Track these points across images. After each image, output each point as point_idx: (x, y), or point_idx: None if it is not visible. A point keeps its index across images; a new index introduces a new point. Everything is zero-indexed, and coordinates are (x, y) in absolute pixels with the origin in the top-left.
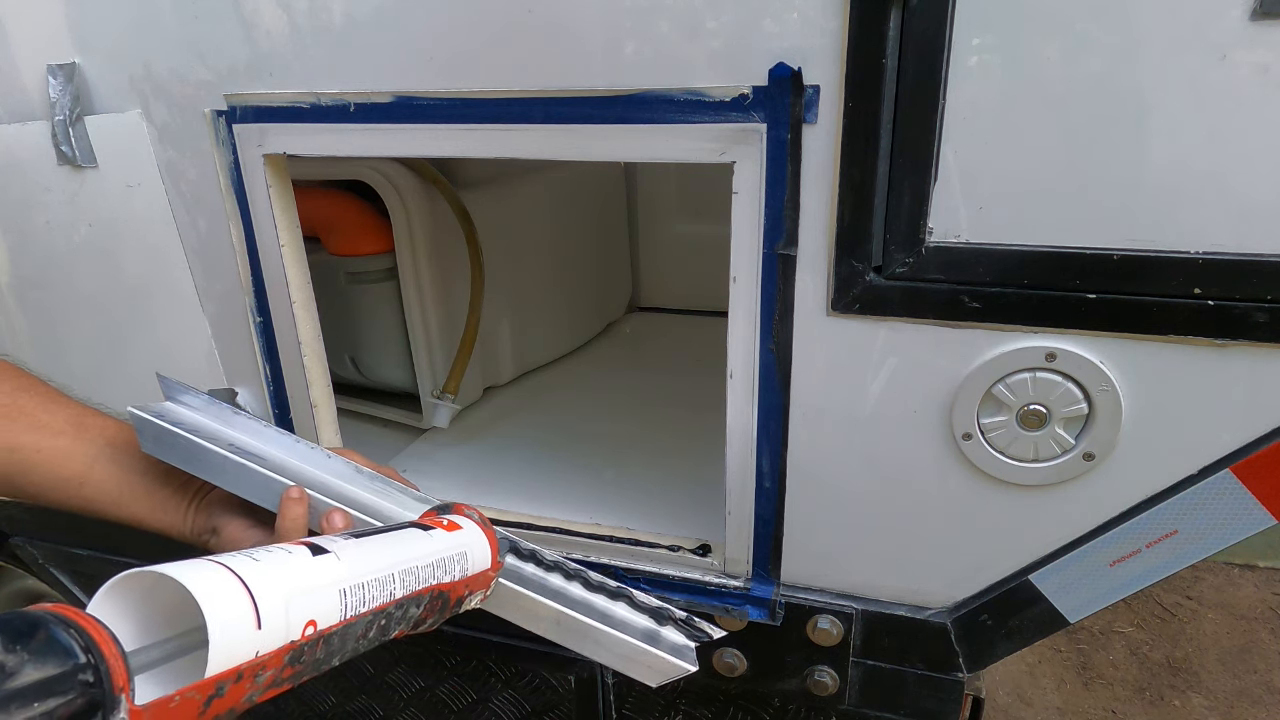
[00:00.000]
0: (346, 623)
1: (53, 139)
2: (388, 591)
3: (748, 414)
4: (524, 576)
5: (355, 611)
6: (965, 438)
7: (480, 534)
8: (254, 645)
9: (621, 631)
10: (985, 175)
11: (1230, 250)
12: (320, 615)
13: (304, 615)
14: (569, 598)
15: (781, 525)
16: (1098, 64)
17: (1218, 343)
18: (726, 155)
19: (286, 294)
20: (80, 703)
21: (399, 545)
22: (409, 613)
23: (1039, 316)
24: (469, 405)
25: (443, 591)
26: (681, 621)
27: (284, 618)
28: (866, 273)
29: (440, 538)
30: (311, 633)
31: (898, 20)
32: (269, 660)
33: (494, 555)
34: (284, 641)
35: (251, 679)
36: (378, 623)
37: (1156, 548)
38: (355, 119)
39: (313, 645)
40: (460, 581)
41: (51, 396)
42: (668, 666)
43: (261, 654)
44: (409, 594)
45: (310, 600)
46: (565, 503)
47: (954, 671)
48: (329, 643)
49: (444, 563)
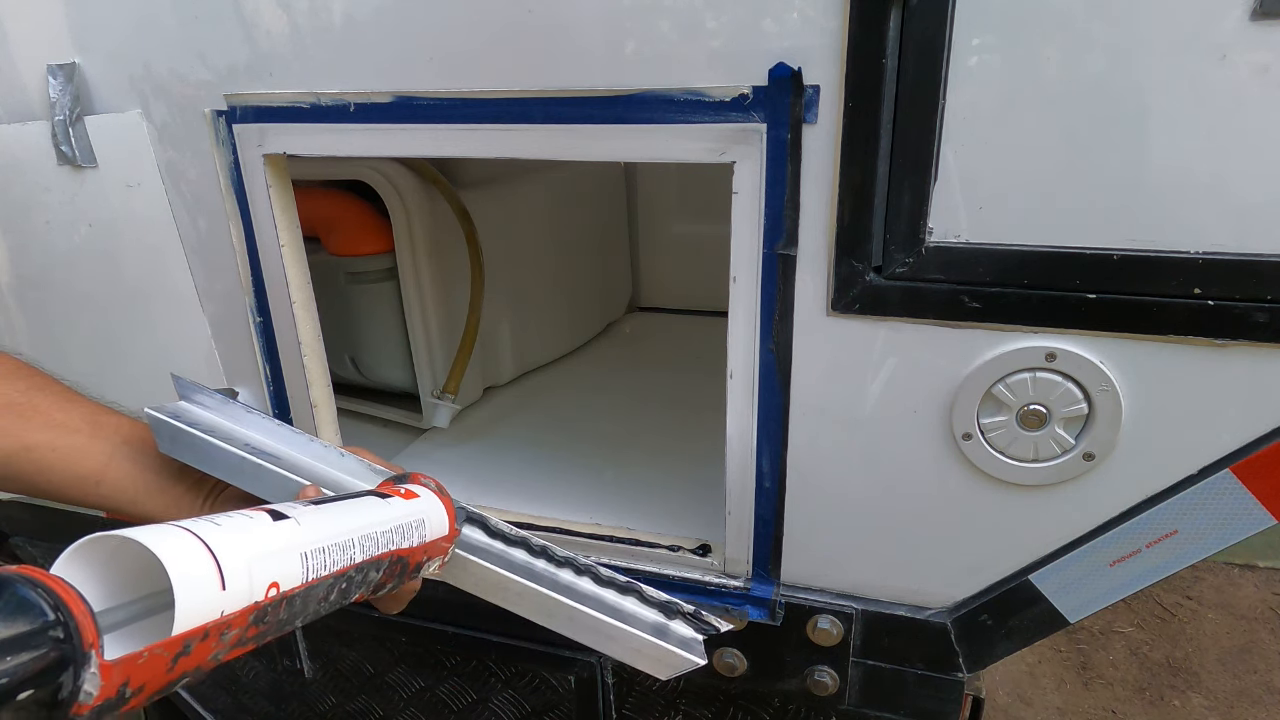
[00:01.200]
0: (308, 585)
1: (53, 139)
2: (348, 556)
3: (748, 414)
4: (536, 573)
5: (317, 574)
6: (965, 438)
7: (438, 502)
8: (219, 605)
9: (631, 625)
10: (985, 175)
11: (1230, 250)
12: (282, 577)
13: (267, 577)
14: (579, 592)
15: (781, 525)
16: (1098, 64)
17: (1218, 343)
18: (726, 155)
19: (286, 294)
20: (53, 656)
21: (358, 512)
22: (369, 576)
23: (1039, 316)
24: (469, 405)
25: (402, 557)
26: (690, 615)
27: (247, 579)
28: (866, 273)
29: (398, 505)
30: (274, 594)
31: (898, 20)
32: (234, 620)
33: (451, 522)
34: (248, 602)
35: (217, 637)
36: (338, 586)
37: (1156, 548)
38: (355, 119)
39: (276, 606)
40: (419, 547)
41: (66, 395)
42: (677, 660)
43: (227, 614)
44: (369, 558)
45: (272, 563)
46: (565, 503)
47: (954, 671)
48: (291, 604)
49: (402, 529)
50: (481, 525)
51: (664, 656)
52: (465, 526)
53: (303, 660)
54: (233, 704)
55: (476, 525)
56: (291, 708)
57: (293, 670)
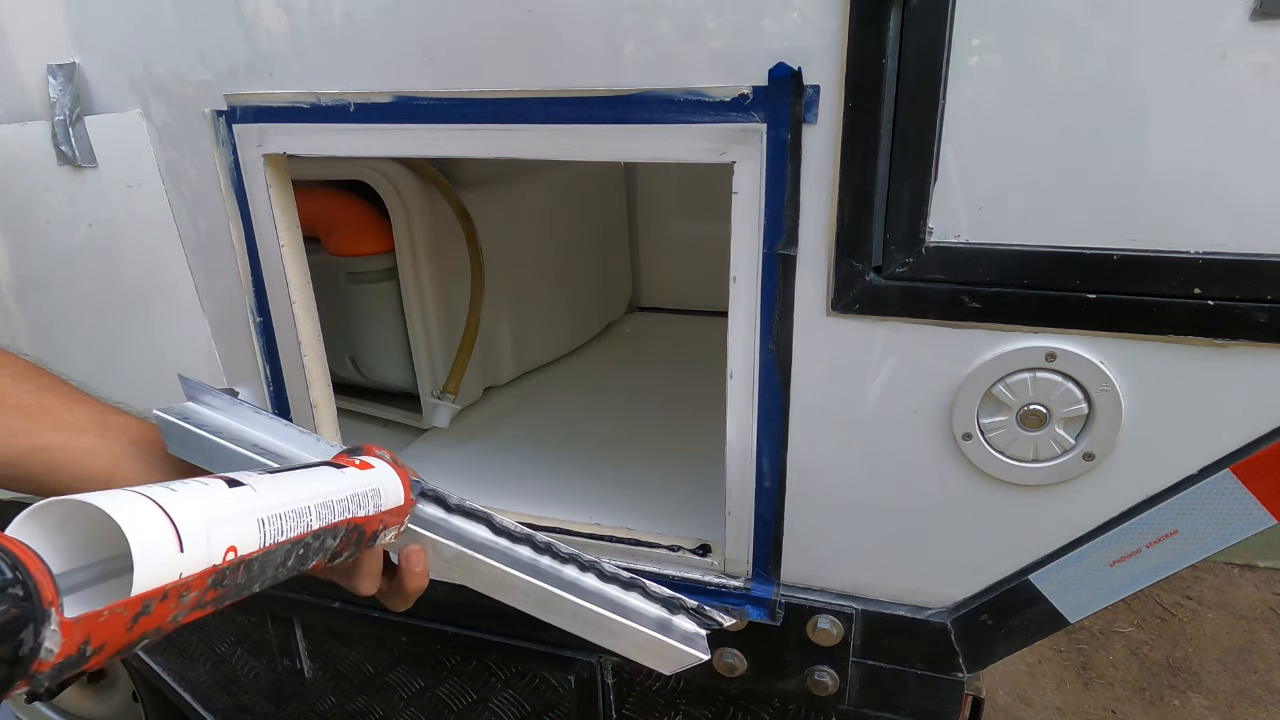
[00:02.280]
0: (266, 550)
1: (53, 139)
2: (305, 523)
3: (748, 414)
4: (540, 569)
5: (274, 540)
6: (965, 438)
7: (392, 472)
8: (177, 567)
9: (635, 621)
10: (985, 175)
11: (1230, 250)
12: (240, 542)
13: (224, 541)
14: (583, 588)
15: (781, 525)
16: (1098, 64)
17: (1218, 343)
18: (726, 155)
19: (286, 294)
20: (13, 613)
21: (314, 481)
22: (326, 544)
23: (1039, 316)
24: (469, 405)
25: (358, 525)
26: (693, 610)
27: (205, 542)
28: (866, 273)
29: (354, 475)
30: (232, 558)
31: (898, 20)
32: (192, 582)
33: (406, 493)
34: (206, 565)
35: (176, 599)
36: (296, 552)
37: (1156, 548)
38: (355, 119)
39: (234, 570)
40: (375, 516)
41: (74, 395)
42: (681, 655)
43: (185, 576)
44: (325, 525)
45: (230, 527)
46: (565, 503)
47: (954, 671)
48: (249, 568)
49: (358, 498)
50: (487, 522)
51: (667, 652)
52: (468, 522)
53: (303, 660)
54: (233, 704)
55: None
56: (291, 708)
57: (293, 670)
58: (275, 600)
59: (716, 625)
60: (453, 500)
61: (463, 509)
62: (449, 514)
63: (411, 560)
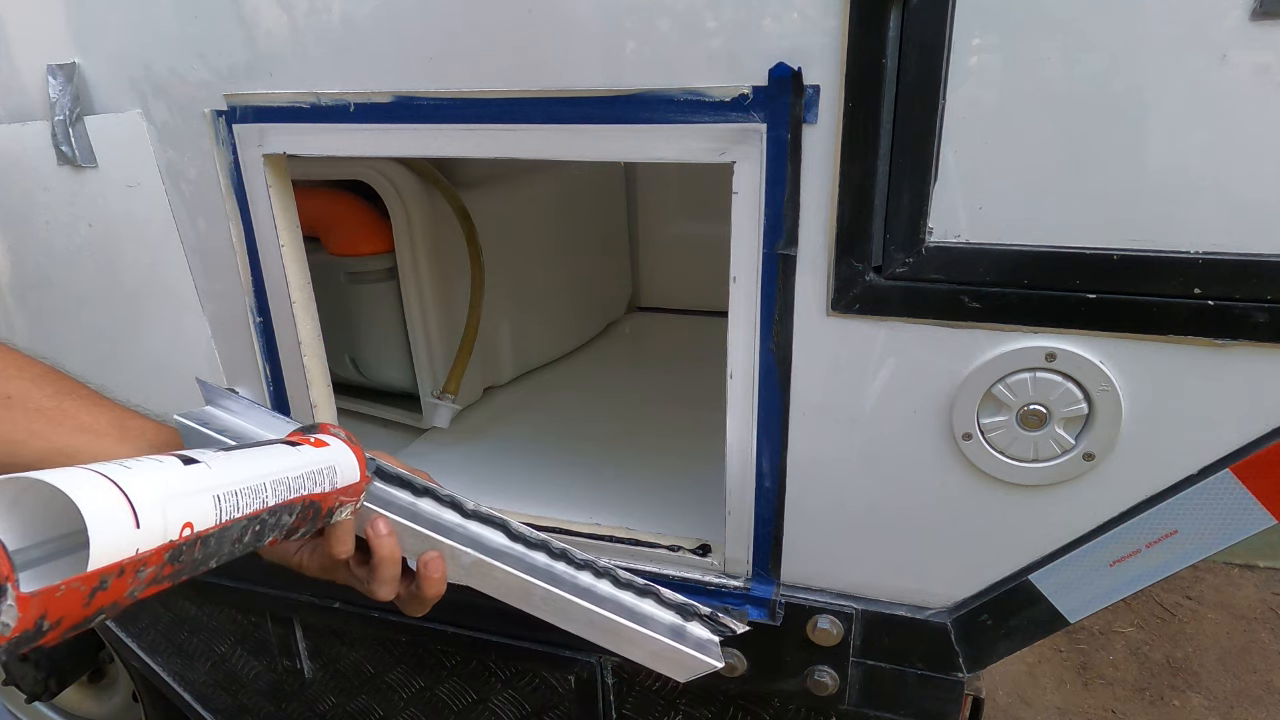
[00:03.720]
0: (222, 526)
1: (52, 139)
2: (260, 499)
3: (748, 414)
4: (556, 576)
5: (230, 516)
6: (965, 438)
7: (347, 450)
8: (134, 543)
9: (649, 628)
10: (985, 175)
11: (1230, 250)
12: (196, 518)
13: (181, 517)
14: (598, 595)
15: (781, 525)
16: (1097, 64)
17: (1218, 343)
18: (726, 155)
19: (286, 294)
20: None
21: (269, 458)
22: (282, 520)
23: (1039, 316)
24: (469, 405)
25: (314, 501)
26: (707, 617)
27: (161, 518)
28: (866, 273)
29: (308, 452)
30: (189, 534)
31: (898, 20)
32: (149, 558)
33: (362, 470)
34: (163, 540)
35: (133, 574)
36: (252, 528)
37: (1156, 547)
38: (355, 119)
39: (191, 545)
40: (331, 493)
41: (94, 399)
42: (695, 663)
43: (142, 551)
44: (281, 502)
45: (186, 503)
46: (565, 502)
47: (954, 671)
48: (206, 544)
49: (314, 475)
50: (503, 528)
51: (682, 659)
52: (484, 527)
53: (303, 660)
54: (233, 704)
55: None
56: (292, 708)
57: (293, 670)
58: (275, 600)
59: (730, 632)
60: (469, 505)
61: (479, 514)
62: (465, 519)
63: (430, 567)
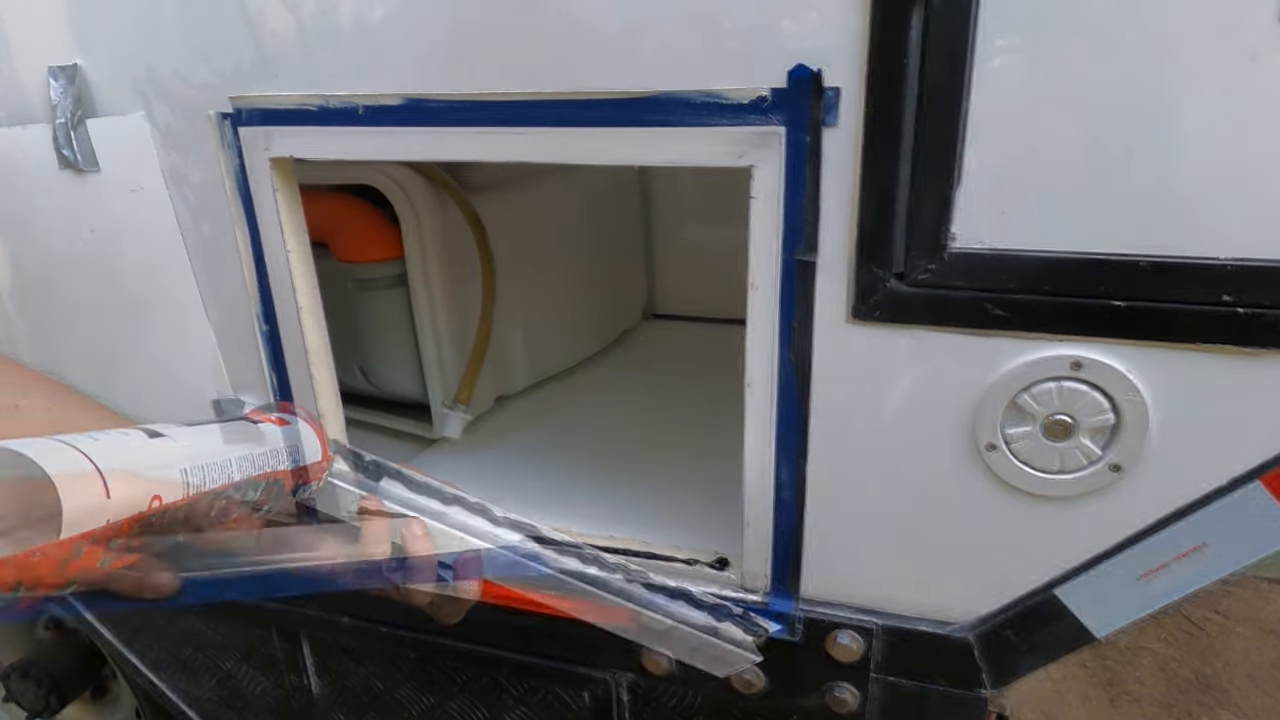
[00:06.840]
0: (189, 499)
1: (54, 142)
2: (226, 474)
3: (766, 424)
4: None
5: (197, 490)
6: (989, 448)
7: (309, 429)
8: (105, 514)
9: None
10: (1009, 179)
11: (1261, 256)
12: (164, 491)
13: (150, 490)
14: (637, 598)
15: (801, 538)
16: (1124, 66)
17: (1249, 351)
18: (745, 159)
19: (293, 301)
20: None
21: (232, 435)
22: (247, 495)
23: (1064, 324)
24: (480, 415)
25: (278, 478)
26: (739, 617)
27: (129, 490)
28: (888, 279)
29: (271, 431)
30: (158, 505)
31: (920, 20)
32: (120, 527)
33: (324, 449)
34: (132, 511)
35: (105, 545)
36: (218, 503)
37: (1185, 561)
38: (364, 122)
39: (159, 517)
40: (294, 470)
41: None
42: (733, 657)
43: (113, 521)
44: (246, 478)
45: (154, 476)
46: (579, 514)
47: (977, 688)
48: (175, 516)
49: (278, 453)
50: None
51: (722, 654)
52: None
53: (310, 677)
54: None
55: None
56: None
57: (300, 687)
58: (282, 615)
59: (763, 632)
60: (498, 513)
61: (509, 521)
62: (495, 527)
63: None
